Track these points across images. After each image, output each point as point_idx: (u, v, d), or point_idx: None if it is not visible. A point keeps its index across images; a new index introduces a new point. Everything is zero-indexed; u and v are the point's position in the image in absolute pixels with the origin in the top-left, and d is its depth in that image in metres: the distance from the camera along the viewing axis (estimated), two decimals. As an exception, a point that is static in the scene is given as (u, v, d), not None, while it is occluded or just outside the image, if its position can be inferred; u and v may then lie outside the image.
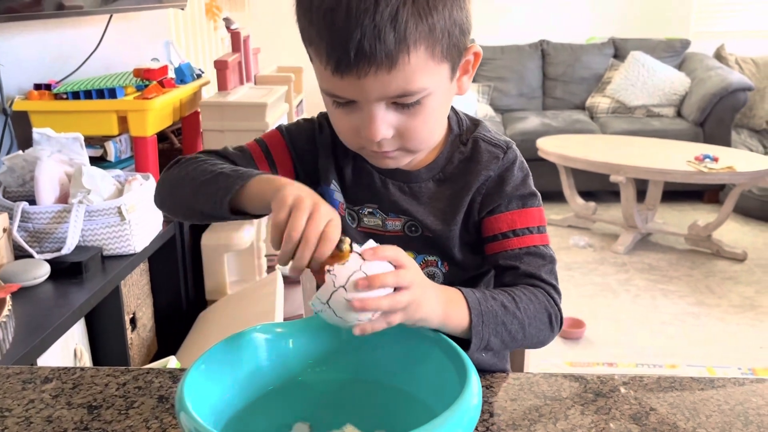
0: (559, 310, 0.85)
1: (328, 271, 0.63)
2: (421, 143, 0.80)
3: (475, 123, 0.91)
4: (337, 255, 0.64)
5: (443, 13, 0.71)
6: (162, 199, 0.88)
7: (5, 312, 0.50)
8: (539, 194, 0.89)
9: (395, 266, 0.67)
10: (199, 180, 0.80)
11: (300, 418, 0.72)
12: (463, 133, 0.90)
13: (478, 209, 0.88)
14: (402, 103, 0.74)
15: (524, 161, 0.90)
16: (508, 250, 0.86)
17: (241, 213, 0.78)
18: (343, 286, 0.63)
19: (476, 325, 0.76)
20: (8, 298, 0.52)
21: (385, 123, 0.75)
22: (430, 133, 0.80)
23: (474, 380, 0.62)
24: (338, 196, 0.91)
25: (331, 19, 0.68)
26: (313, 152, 0.91)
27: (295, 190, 0.68)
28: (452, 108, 0.91)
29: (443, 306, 0.73)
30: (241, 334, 0.72)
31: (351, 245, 0.65)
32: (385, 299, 0.65)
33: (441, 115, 0.81)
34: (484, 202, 0.87)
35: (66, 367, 0.88)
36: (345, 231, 0.91)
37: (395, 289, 0.66)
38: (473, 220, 0.88)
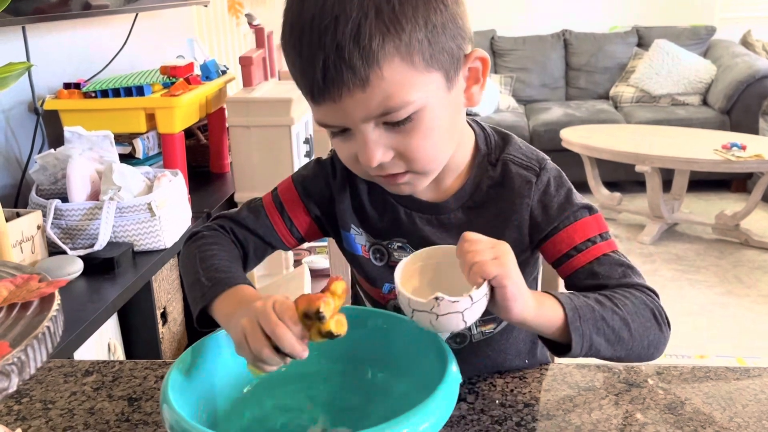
0: (661, 307, 0.77)
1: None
2: (429, 163, 0.74)
3: (505, 139, 0.85)
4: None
5: (415, 19, 0.65)
6: None
7: (55, 306, 0.51)
8: (593, 205, 0.83)
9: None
10: (187, 279, 0.81)
11: (280, 408, 0.73)
12: (492, 152, 0.84)
13: (529, 239, 0.83)
14: (392, 121, 0.69)
15: (561, 175, 0.84)
16: (579, 269, 0.80)
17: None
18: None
19: (573, 320, 0.70)
20: (57, 292, 0.53)
21: (379, 146, 0.70)
22: (435, 151, 0.73)
23: (450, 376, 0.62)
24: (360, 240, 0.88)
25: (299, 46, 0.67)
26: (330, 198, 0.88)
27: (237, 318, 0.65)
28: (479, 124, 0.86)
29: (532, 294, 0.69)
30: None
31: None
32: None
33: (445, 129, 0.73)
34: (533, 232, 0.82)
35: (105, 361, 0.90)
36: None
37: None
38: (528, 250, 0.84)
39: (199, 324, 0.77)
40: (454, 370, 0.63)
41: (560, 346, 0.73)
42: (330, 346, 0.66)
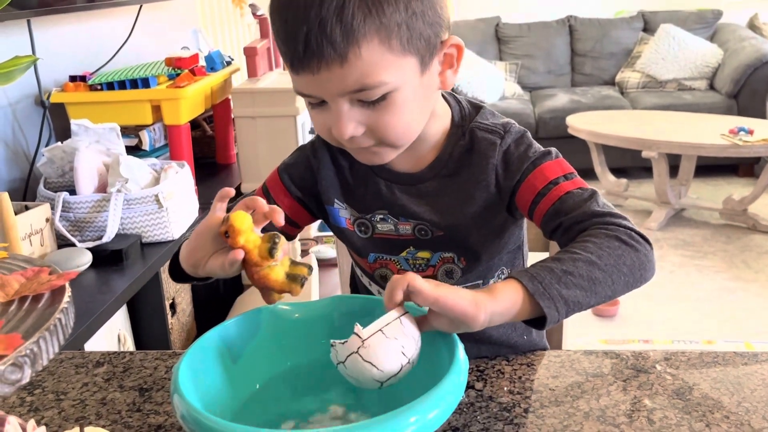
0: (629, 227, 0.75)
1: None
2: (399, 139, 0.77)
3: (477, 109, 0.89)
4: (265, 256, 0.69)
5: (396, 4, 0.69)
6: None
7: (65, 298, 0.52)
8: (554, 150, 0.84)
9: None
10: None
11: (291, 395, 0.74)
12: (465, 123, 0.87)
13: (499, 197, 0.85)
14: (365, 99, 0.72)
15: (525, 135, 0.86)
16: (545, 213, 0.80)
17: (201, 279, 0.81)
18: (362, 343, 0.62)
19: (535, 290, 0.68)
20: (67, 285, 0.54)
21: (352, 120, 0.74)
22: (405, 129, 0.77)
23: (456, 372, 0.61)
24: (344, 213, 0.92)
25: (285, 16, 0.70)
26: (313, 178, 0.92)
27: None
28: (453, 96, 0.90)
29: (477, 290, 0.68)
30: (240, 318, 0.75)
31: (275, 244, 0.69)
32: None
33: (416, 109, 0.77)
34: (501, 190, 0.85)
35: (116, 352, 0.90)
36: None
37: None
38: (501, 209, 0.86)
39: (173, 276, 0.84)
40: (461, 357, 0.63)
41: (541, 319, 0.70)
42: (338, 335, 0.67)
